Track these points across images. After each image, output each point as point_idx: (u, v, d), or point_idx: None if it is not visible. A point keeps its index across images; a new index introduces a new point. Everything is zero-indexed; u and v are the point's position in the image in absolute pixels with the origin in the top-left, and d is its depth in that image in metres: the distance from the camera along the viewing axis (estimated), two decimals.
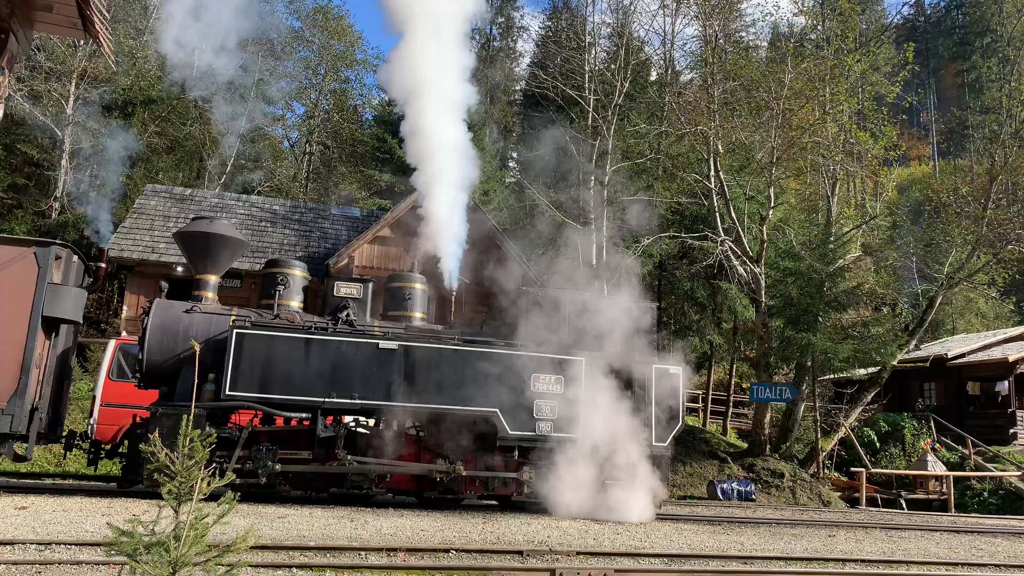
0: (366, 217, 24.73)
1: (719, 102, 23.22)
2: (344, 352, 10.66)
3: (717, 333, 26.30)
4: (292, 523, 8.64)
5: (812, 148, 23.09)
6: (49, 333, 10.93)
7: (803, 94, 22.65)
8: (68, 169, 26.95)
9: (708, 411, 27.22)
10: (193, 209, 22.03)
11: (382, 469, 10.94)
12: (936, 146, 57.29)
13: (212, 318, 10.88)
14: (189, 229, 11.45)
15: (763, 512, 15.48)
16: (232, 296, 17.84)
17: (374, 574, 6.63)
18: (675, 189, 26.64)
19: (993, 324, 34.64)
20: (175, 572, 3.10)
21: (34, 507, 8.68)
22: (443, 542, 8.17)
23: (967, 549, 10.70)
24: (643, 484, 11.26)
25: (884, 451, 24.19)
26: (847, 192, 26.71)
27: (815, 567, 8.37)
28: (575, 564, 7.51)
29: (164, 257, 20.17)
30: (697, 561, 8.22)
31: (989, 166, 24.45)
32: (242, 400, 10.24)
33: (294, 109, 39.65)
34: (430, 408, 10.97)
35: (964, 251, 23.86)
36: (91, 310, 23.82)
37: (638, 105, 28.42)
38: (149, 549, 3.14)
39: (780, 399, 21.67)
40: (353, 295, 11.61)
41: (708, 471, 20.90)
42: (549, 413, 11.30)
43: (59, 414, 11.74)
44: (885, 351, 21.57)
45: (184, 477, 3.28)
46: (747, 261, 22.14)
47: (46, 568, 6.03)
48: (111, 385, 13.38)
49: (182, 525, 3.16)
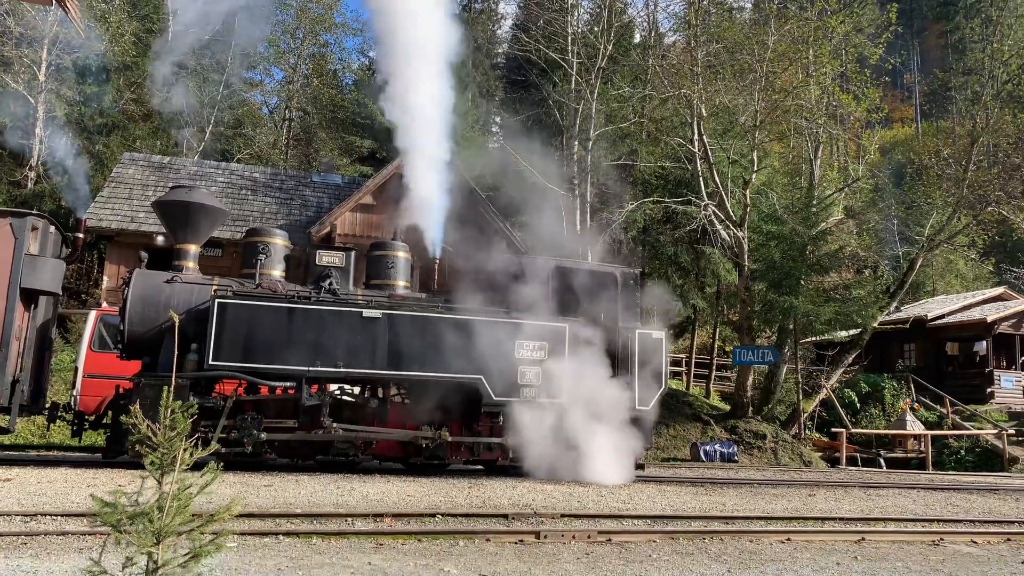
0: (348, 184, 24.52)
1: (703, 65, 23.06)
2: (328, 321, 10.65)
3: (700, 297, 26.44)
4: (278, 491, 8.69)
5: (795, 111, 23.05)
6: (28, 305, 10.83)
7: (786, 56, 22.55)
8: (43, 138, 26.45)
9: (691, 374, 27.47)
10: (172, 178, 21.76)
11: (368, 436, 10.99)
12: (919, 108, 57.31)
13: (193, 288, 10.80)
14: (168, 198, 11.30)
15: (745, 473, 15.73)
16: (213, 265, 17.72)
17: (361, 540, 6.70)
18: (659, 153, 26.55)
19: (972, 286, 35.02)
20: (159, 542, 3.11)
21: (19, 478, 8.67)
22: (429, 507, 8.25)
23: (943, 506, 10.94)
24: (627, 447, 11.39)
25: (864, 411, 24.55)
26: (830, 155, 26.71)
27: (795, 525, 8.54)
28: (559, 526, 7.62)
29: (144, 227, 19.96)
30: (679, 522, 8.36)
31: (971, 128, 24.53)
32: (226, 370, 10.22)
33: (272, 74, 39.01)
34: (415, 376, 11.01)
35: (945, 213, 24.03)
36: (71, 281, 23.59)
37: (622, 68, 28.16)
38: (133, 520, 3.15)
39: (762, 362, 21.90)
40: (336, 264, 11.55)
41: (691, 433, 21.16)
42: (533, 379, 11.36)
43: (41, 386, 11.67)
44: (866, 313, 21.80)
45: (166, 448, 3.28)
46: (730, 225, 22.19)
47: (32, 539, 6.04)
48: (93, 356, 13.30)
49: (165, 496, 3.17)
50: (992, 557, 7.50)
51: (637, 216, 24.58)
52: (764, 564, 6.44)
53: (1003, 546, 8.22)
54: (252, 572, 5.16)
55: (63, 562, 5.22)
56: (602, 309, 12.11)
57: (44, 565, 5.08)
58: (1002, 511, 10.74)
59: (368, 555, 6.03)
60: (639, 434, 11.61)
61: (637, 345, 12.05)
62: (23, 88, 25.78)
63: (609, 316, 12.13)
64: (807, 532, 8.19)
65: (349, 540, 6.67)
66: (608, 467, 11.17)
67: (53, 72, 26.31)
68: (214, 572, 4.98)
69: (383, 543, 6.61)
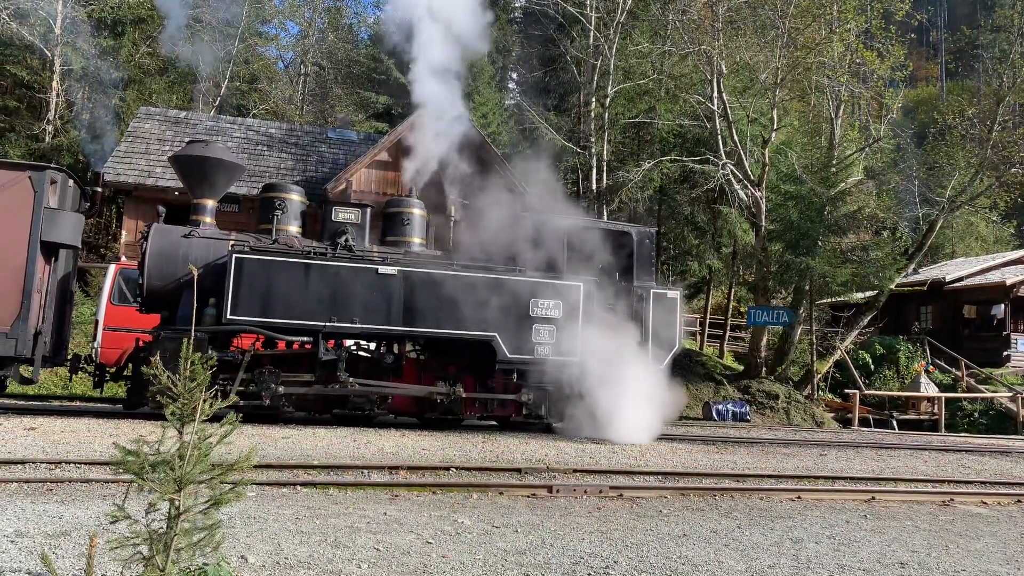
0: (364, 140, 24.42)
1: (724, 20, 22.62)
2: (344, 277, 10.70)
3: (716, 257, 26.33)
4: (296, 443, 8.85)
5: (817, 68, 22.63)
6: (48, 258, 10.95)
7: (810, 12, 22.08)
8: (60, 91, 26.45)
9: (706, 334, 27.49)
10: (188, 132, 21.75)
11: (384, 391, 11.12)
12: (944, 66, 56.09)
13: (211, 243, 10.86)
14: (185, 153, 11.31)
15: (757, 432, 15.82)
16: (230, 220, 17.76)
17: (377, 491, 6.83)
18: (677, 111, 26.20)
19: (992, 248, 34.64)
20: (180, 489, 3.19)
21: (43, 428, 8.87)
22: (443, 460, 8.38)
23: (954, 467, 10.98)
24: (639, 406, 11.46)
25: (878, 373, 24.53)
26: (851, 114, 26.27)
27: (805, 484, 8.61)
28: (572, 481, 7.73)
29: (160, 181, 20.03)
30: (691, 479, 8.45)
31: (997, 87, 24.00)
32: (243, 324, 10.32)
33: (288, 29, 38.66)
34: (429, 332, 11.08)
35: (967, 174, 23.66)
36: (90, 234, 23.78)
37: (641, 23, 27.66)
38: (155, 468, 3.23)
39: (777, 323, 21.86)
40: (352, 220, 11.56)
41: (704, 393, 21.25)
42: (548, 337, 11.41)
43: (63, 338, 11.86)
44: (883, 275, 21.64)
45: (186, 399, 3.34)
46: (748, 185, 21.97)
47: (57, 486, 6.20)
48: (113, 309, 13.47)
49: (186, 445, 3.24)
50: (1002, 518, 7.54)
51: (654, 175, 24.37)
52: (774, 521, 6.51)
53: (1013, 507, 8.27)
54: (270, 520, 5.29)
55: (87, 508, 5.36)
56: (617, 268, 12.10)
57: (69, 511, 5.23)
58: (1013, 473, 10.77)
59: (384, 506, 6.16)
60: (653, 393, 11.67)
61: (652, 305, 12.05)
62: (39, 41, 25.72)
63: (624, 275, 12.12)
64: (817, 491, 8.26)
65: (365, 491, 6.80)
66: (622, 425, 11.26)
67: (69, 25, 26.18)
68: (234, 519, 5.11)
69: (398, 494, 6.74)
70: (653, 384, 11.49)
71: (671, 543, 5.41)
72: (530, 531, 5.51)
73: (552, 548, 5.02)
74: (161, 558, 3.15)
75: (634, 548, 5.17)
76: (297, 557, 4.41)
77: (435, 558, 4.59)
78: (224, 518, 3.99)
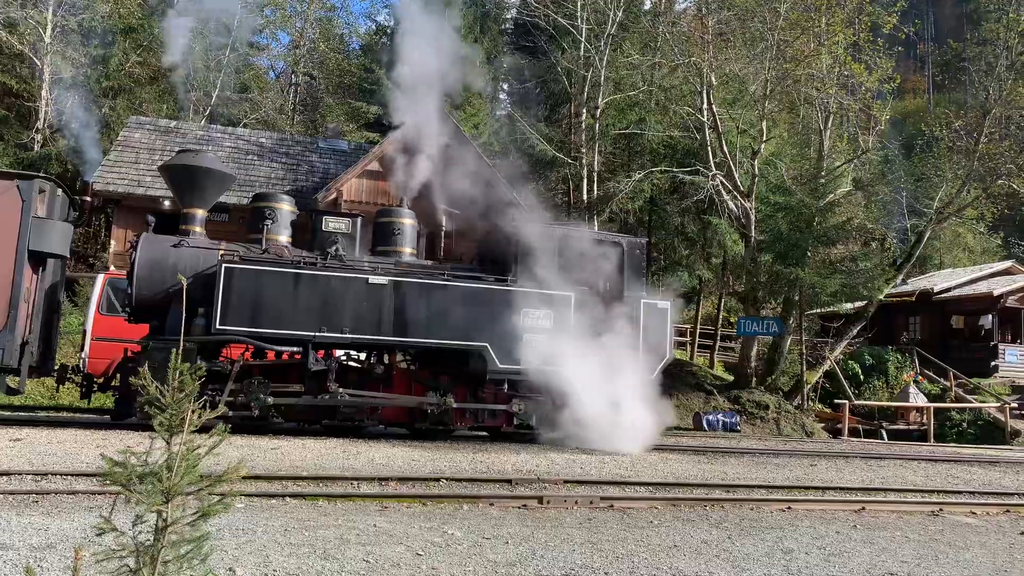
0: (354, 150, 24.41)
1: (713, 33, 22.76)
2: (334, 287, 10.68)
3: (706, 268, 26.39)
4: (285, 454, 8.79)
5: (806, 80, 22.78)
6: (36, 268, 10.88)
7: (799, 25, 22.22)
8: (49, 100, 26.34)
9: (696, 345, 27.53)
10: (178, 142, 21.67)
11: (374, 402, 11.08)
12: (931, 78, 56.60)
13: (200, 252, 10.82)
14: (175, 162, 11.28)
15: (747, 443, 15.83)
16: (220, 230, 17.67)
17: (366, 503, 6.79)
18: (667, 122, 26.32)
19: (980, 259, 34.85)
20: (168, 501, 3.16)
21: (29, 439, 8.78)
22: (434, 471, 8.35)
23: (944, 477, 11.01)
24: (630, 416, 11.46)
25: (868, 384, 24.60)
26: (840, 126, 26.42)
27: (795, 494, 8.62)
28: (562, 492, 7.71)
29: (150, 191, 19.95)
30: (681, 489, 8.45)
31: (983, 99, 24.22)
32: (232, 334, 10.27)
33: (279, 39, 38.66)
34: (420, 342, 11.07)
35: (954, 185, 23.84)
36: (78, 244, 23.61)
37: (631, 35, 27.81)
38: (142, 479, 3.19)
39: (767, 333, 21.93)
40: (342, 230, 11.54)
41: (694, 403, 21.26)
42: (538, 347, 11.40)
43: (50, 348, 11.77)
44: (872, 286, 21.75)
45: (175, 410, 3.31)
46: (738, 196, 22.07)
47: (43, 497, 6.14)
48: (101, 319, 13.37)
49: (174, 456, 3.21)
50: (991, 528, 7.57)
51: (644, 186, 24.45)
52: (764, 531, 6.51)
53: (1002, 517, 8.30)
54: (259, 532, 5.25)
55: (73, 520, 5.31)
56: (608, 278, 12.11)
57: (55, 523, 5.17)
58: (1002, 483, 10.81)
59: (373, 517, 6.12)
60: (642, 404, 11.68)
61: (643, 315, 12.07)
62: (28, 50, 25.63)
63: (615, 285, 12.14)
64: (808, 501, 8.26)
65: (355, 503, 6.76)
66: (612, 435, 11.25)
67: (59, 34, 26.11)
68: (222, 531, 5.07)
69: (388, 506, 6.70)
70: (644, 394, 11.50)
71: (662, 554, 5.40)
72: (521, 542, 5.49)
73: (543, 560, 5.00)
74: (148, 571, 3.11)
75: (625, 559, 5.15)
76: (286, 569, 4.37)
77: (425, 570, 4.57)
78: (212, 530, 3.96)
